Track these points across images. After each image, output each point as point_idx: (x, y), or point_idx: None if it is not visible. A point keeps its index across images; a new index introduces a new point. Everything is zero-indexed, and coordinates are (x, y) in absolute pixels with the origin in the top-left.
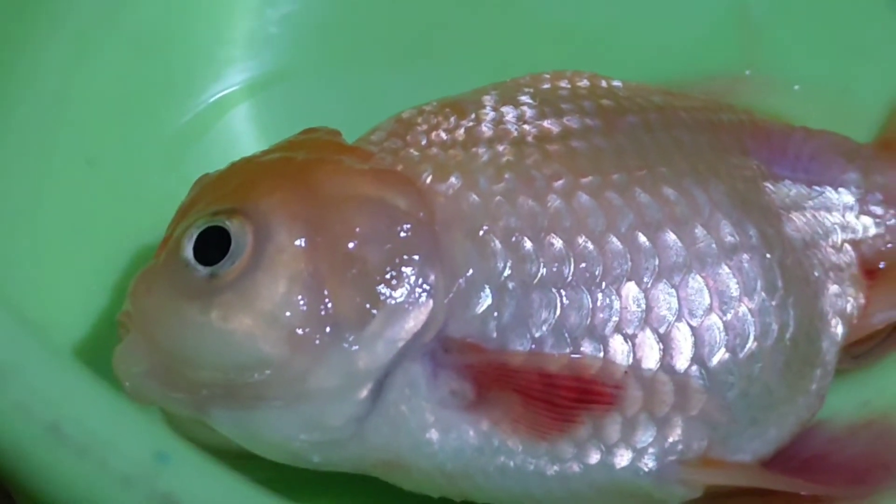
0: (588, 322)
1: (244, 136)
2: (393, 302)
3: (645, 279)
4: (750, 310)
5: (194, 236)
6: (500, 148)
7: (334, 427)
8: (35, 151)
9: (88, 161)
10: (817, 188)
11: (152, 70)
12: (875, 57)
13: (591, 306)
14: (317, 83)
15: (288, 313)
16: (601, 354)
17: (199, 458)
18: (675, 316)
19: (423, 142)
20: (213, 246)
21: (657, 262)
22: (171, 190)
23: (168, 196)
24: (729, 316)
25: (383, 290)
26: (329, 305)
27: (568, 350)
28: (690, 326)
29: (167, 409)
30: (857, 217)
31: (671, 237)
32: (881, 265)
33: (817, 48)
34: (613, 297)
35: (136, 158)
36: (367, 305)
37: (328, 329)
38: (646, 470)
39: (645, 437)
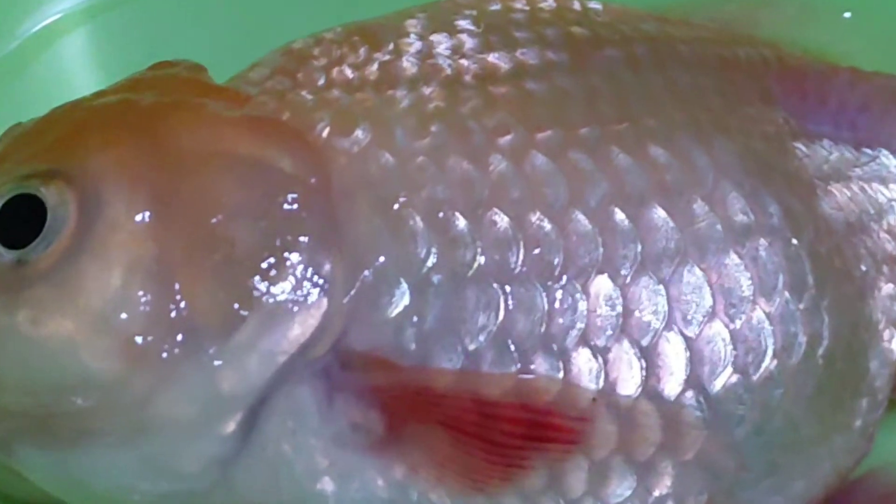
0: (542, 330)
1: (78, 72)
2: (271, 301)
3: (622, 272)
4: (768, 315)
5: None
6: (427, 90)
7: (189, 473)
8: None
9: None
10: (868, 151)
11: None
12: None
13: (546, 308)
14: (178, 4)
15: (124, 315)
16: (560, 374)
17: None
18: (664, 323)
19: (321, 81)
20: (22, 221)
21: (639, 249)
22: None
23: None
24: (738, 323)
25: (258, 285)
26: (182, 305)
27: (514, 368)
28: (684, 337)
29: None
30: None
31: (659, 215)
32: None
33: None
34: (578, 297)
35: None
36: (236, 305)
37: (180, 337)
38: None
39: (621, 489)
